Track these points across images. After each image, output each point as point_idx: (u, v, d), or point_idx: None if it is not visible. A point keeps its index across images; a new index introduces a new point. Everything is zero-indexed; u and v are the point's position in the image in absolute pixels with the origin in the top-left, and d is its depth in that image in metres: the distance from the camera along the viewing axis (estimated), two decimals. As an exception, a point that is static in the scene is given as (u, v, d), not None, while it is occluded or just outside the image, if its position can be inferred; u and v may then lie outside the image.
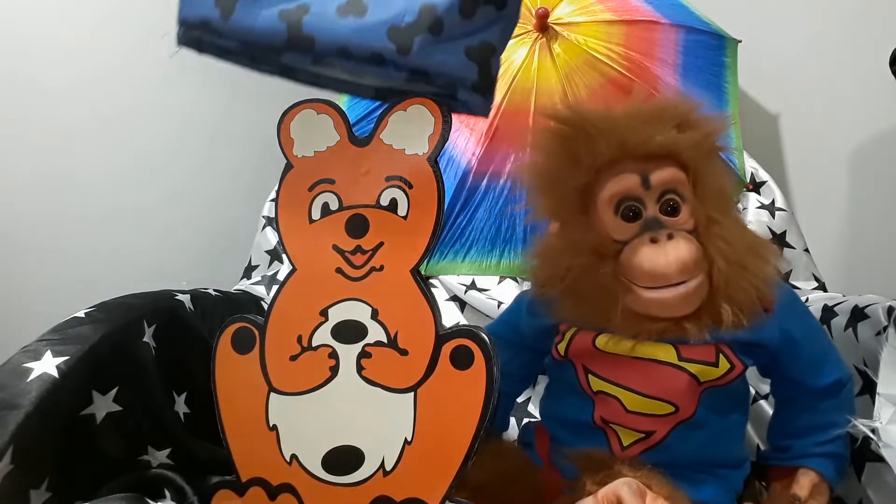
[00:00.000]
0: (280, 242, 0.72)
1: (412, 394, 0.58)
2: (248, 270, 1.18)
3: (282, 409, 0.61)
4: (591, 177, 0.68)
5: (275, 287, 0.88)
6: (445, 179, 0.60)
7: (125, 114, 1.28)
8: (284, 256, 0.66)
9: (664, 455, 0.67)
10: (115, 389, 0.67)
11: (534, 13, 1.00)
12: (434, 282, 1.13)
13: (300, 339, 0.61)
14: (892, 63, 0.98)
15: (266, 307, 0.64)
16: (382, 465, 0.58)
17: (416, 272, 0.60)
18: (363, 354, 0.59)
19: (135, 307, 0.73)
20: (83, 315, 0.68)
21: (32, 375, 0.60)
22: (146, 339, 0.72)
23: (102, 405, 0.65)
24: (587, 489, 0.60)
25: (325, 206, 0.63)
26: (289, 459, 0.60)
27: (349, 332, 0.60)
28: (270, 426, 0.61)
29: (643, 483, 0.59)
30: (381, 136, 0.62)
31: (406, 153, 0.61)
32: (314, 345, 0.61)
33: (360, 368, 0.59)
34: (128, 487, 0.65)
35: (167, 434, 0.71)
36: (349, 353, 0.60)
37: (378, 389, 0.59)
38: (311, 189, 0.63)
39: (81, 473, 0.63)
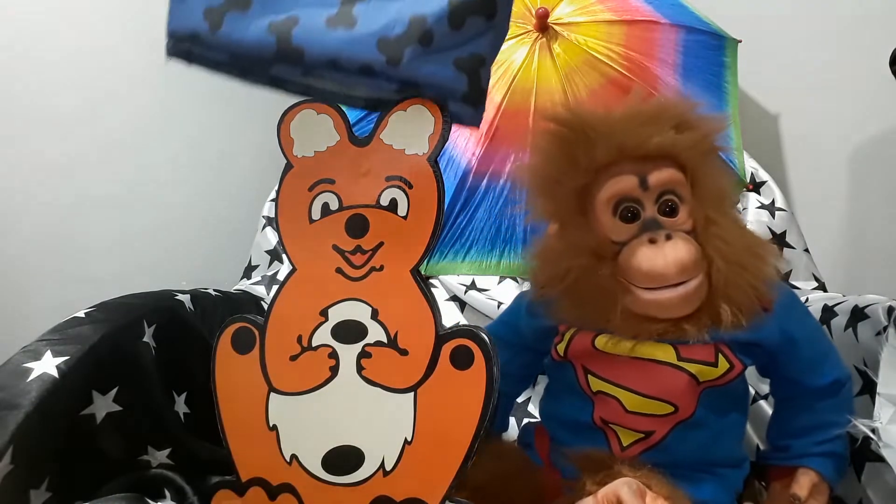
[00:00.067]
0: (280, 242, 0.72)
1: (412, 394, 0.58)
2: (248, 270, 1.18)
3: (282, 409, 0.61)
4: (590, 178, 0.68)
5: (275, 287, 0.88)
6: (445, 179, 0.60)
7: (125, 113, 1.28)
8: (284, 256, 0.66)
9: (664, 455, 0.67)
10: (115, 389, 0.67)
11: (534, 13, 1.00)
12: (434, 282, 1.14)
13: (300, 339, 0.61)
14: (892, 63, 0.98)
15: (266, 307, 0.64)
16: (382, 465, 0.58)
17: (416, 272, 0.59)
18: (363, 354, 0.59)
19: (135, 307, 0.73)
20: (83, 315, 0.68)
21: (32, 375, 0.60)
22: (146, 339, 0.72)
23: (102, 405, 0.65)
24: (587, 489, 0.60)
25: (325, 206, 0.62)
26: (289, 459, 0.60)
27: (349, 332, 0.60)
28: (270, 426, 0.61)
29: (643, 483, 0.59)
30: (381, 136, 0.62)
31: (406, 153, 0.61)
32: (314, 345, 0.61)
33: (360, 368, 0.59)
34: (128, 487, 0.65)
35: (167, 434, 0.72)
36: (349, 353, 0.60)
37: (378, 389, 0.59)
38: (311, 189, 0.63)
39: (81, 473, 0.63)
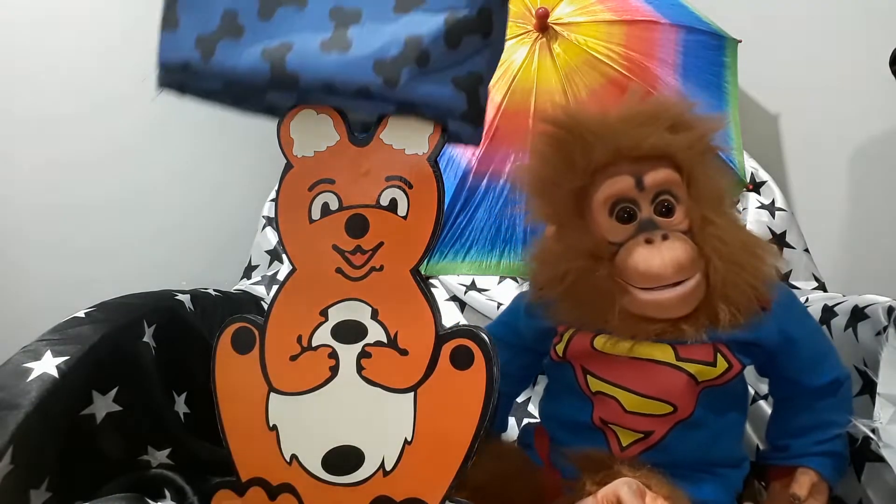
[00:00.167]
0: (280, 242, 0.72)
1: (412, 394, 0.58)
2: (248, 270, 1.18)
3: (282, 409, 0.61)
4: (586, 180, 0.68)
5: (275, 287, 0.88)
6: (445, 179, 0.60)
7: (125, 112, 1.28)
8: (284, 256, 0.66)
9: (663, 455, 0.67)
10: (115, 389, 0.67)
11: (534, 13, 1.00)
12: (434, 282, 1.14)
13: (300, 339, 0.61)
14: (892, 63, 0.98)
15: (266, 307, 0.64)
16: (382, 465, 0.58)
17: (416, 272, 0.59)
18: (363, 354, 0.59)
19: (135, 307, 0.73)
20: (83, 315, 0.68)
21: (32, 375, 0.60)
22: (146, 339, 0.72)
23: (102, 405, 0.65)
24: (587, 489, 0.60)
25: (325, 206, 0.62)
26: (289, 459, 0.60)
27: (349, 332, 0.60)
28: (270, 426, 0.61)
29: (643, 483, 0.59)
30: (381, 136, 0.61)
31: (406, 153, 0.60)
32: (314, 345, 0.61)
33: (360, 368, 0.59)
34: (128, 487, 0.65)
35: (167, 434, 0.72)
36: (349, 353, 0.60)
37: (378, 389, 0.59)
38: (311, 189, 0.63)
39: (81, 473, 0.63)
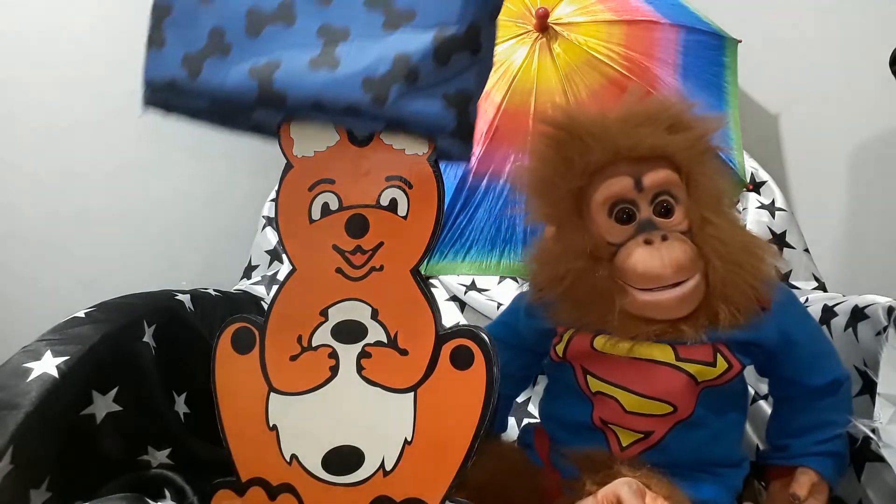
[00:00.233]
0: (280, 242, 0.72)
1: (412, 394, 0.58)
2: (248, 270, 1.18)
3: (282, 409, 0.61)
4: (585, 180, 0.68)
5: (275, 287, 0.88)
6: (445, 179, 0.60)
7: (124, 112, 1.27)
8: (284, 256, 0.66)
9: (663, 455, 0.67)
10: (115, 389, 0.67)
11: (534, 13, 1.00)
12: (434, 282, 1.14)
13: (300, 339, 0.61)
14: (892, 63, 0.98)
15: (266, 307, 0.64)
16: (382, 465, 0.58)
17: (416, 272, 0.59)
18: (363, 354, 0.59)
19: (135, 307, 0.73)
20: (83, 315, 0.68)
21: (32, 375, 0.60)
22: (146, 339, 0.72)
23: (102, 405, 0.65)
24: (587, 489, 0.60)
25: (325, 206, 0.62)
26: (289, 459, 0.60)
27: (349, 332, 0.60)
28: (270, 426, 0.61)
29: (643, 482, 0.59)
30: (381, 136, 0.61)
31: (406, 153, 0.61)
32: (314, 345, 0.61)
33: (360, 368, 0.59)
34: (128, 487, 0.65)
35: (167, 434, 0.71)
36: (349, 353, 0.60)
37: (378, 389, 0.59)
38: (311, 189, 0.63)
39: (81, 473, 0.63)
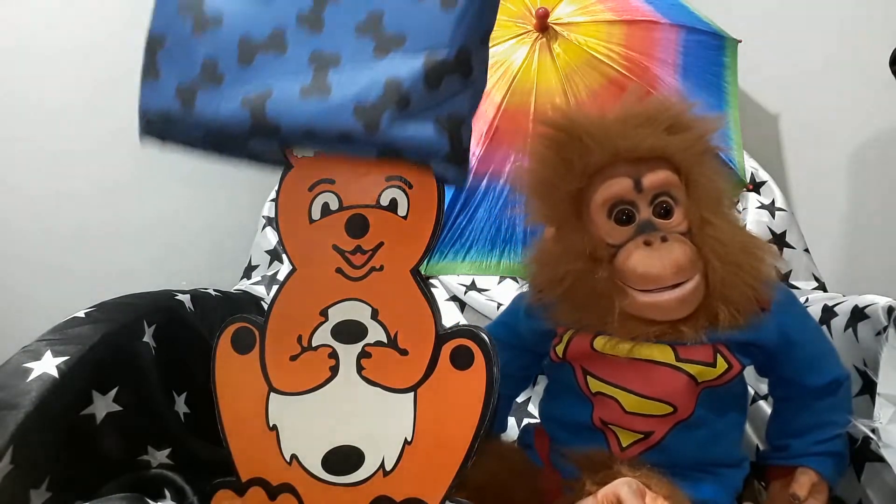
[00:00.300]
0: (280, 242, 0.72)
1: (412, 394, 0.58)
2: (248, 270, 1.18)
3: (282, 409, 0.61)
4: (584, 181, 0.68)
5: (275, 287, 0.88)
6: (445, 179, 0.60)
7: (125, 112, 1.27)
8: (284, 256, 0.66)
9: (663, 455, 0.67)
10: (115, 389, 0.67)
11: (534, 13, 1.00)
12: (434, 282, 1.14)
13: (300, 339, 0.61)
14: (892, 63, 0.98)
15: (266, 307, 0.64)
16: (382, 465, 0.58)
17: (416, 272, 0.59)
18: (363, 354, 0.59)
19: (135, 307, 0.73)
20: (83, 315, 0.68)
21: (32, 375, 0.60)
22: (146, 339, 0.72)
23: (102, 405, 0.65)
24: (587, 489, 0.60)
25: (325, 206, 0.62)
26: (289, 459, 0.60)
27: (349, 332, 0.60)
28: (270, 426, 0.61)
29: (643, 482, 0.59)
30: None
31: (406, 153, 0.61)
32: (314, 345, 0.61)
33: (360, 368, 0.59)
34: (128, 487, 0.65)
35: (167, 434, 0.72)
36: (349, 353, 0.60)
37: (378, 389, 0.59)
38: (311, 189, 0.63)
39: (81, 473, 0.63)
